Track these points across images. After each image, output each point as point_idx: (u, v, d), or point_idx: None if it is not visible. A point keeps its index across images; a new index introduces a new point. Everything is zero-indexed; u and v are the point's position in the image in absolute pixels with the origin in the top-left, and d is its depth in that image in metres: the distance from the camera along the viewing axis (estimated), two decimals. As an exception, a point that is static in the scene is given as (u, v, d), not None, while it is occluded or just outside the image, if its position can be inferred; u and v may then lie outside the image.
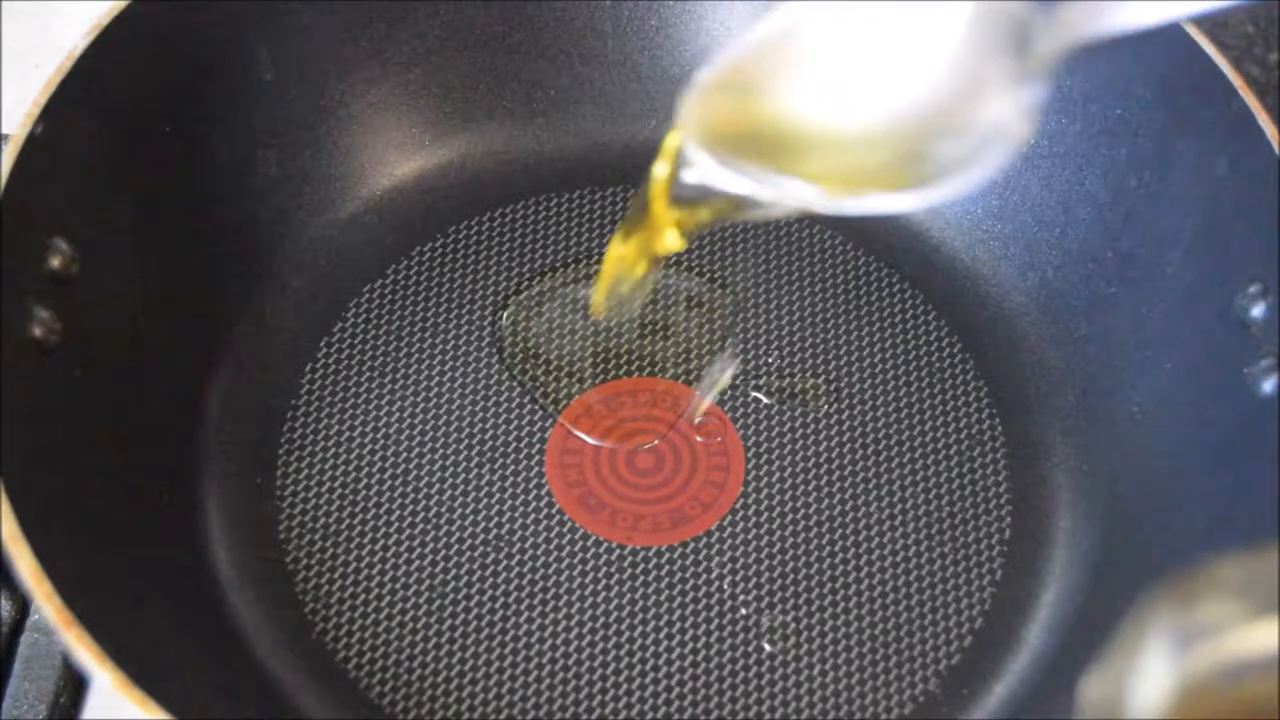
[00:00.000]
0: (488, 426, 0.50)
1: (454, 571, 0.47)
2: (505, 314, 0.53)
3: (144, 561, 0.44)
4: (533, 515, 0.49)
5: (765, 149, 0.32)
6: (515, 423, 0.50)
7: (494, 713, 0.45)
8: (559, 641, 0.46)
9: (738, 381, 0.52)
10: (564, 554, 0.48)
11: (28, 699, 0.45)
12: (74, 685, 0.46)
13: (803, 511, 0.49)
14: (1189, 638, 0.24)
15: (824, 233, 0.55)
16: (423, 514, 0.48)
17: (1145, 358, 0.49)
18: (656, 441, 0.50)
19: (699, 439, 0.50)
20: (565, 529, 0.48)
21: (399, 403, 0.51)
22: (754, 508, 0.49)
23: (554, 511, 0.49)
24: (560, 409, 0.51)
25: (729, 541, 0.48)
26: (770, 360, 0.52)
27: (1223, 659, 0.24)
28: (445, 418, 0.50)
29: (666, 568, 0.48)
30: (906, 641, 0.46)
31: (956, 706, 0.45)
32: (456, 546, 0.48)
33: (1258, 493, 0.41)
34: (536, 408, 0.51)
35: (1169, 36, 0.47)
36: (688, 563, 0.48)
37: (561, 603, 0.47)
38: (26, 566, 0.36)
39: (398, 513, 0.49)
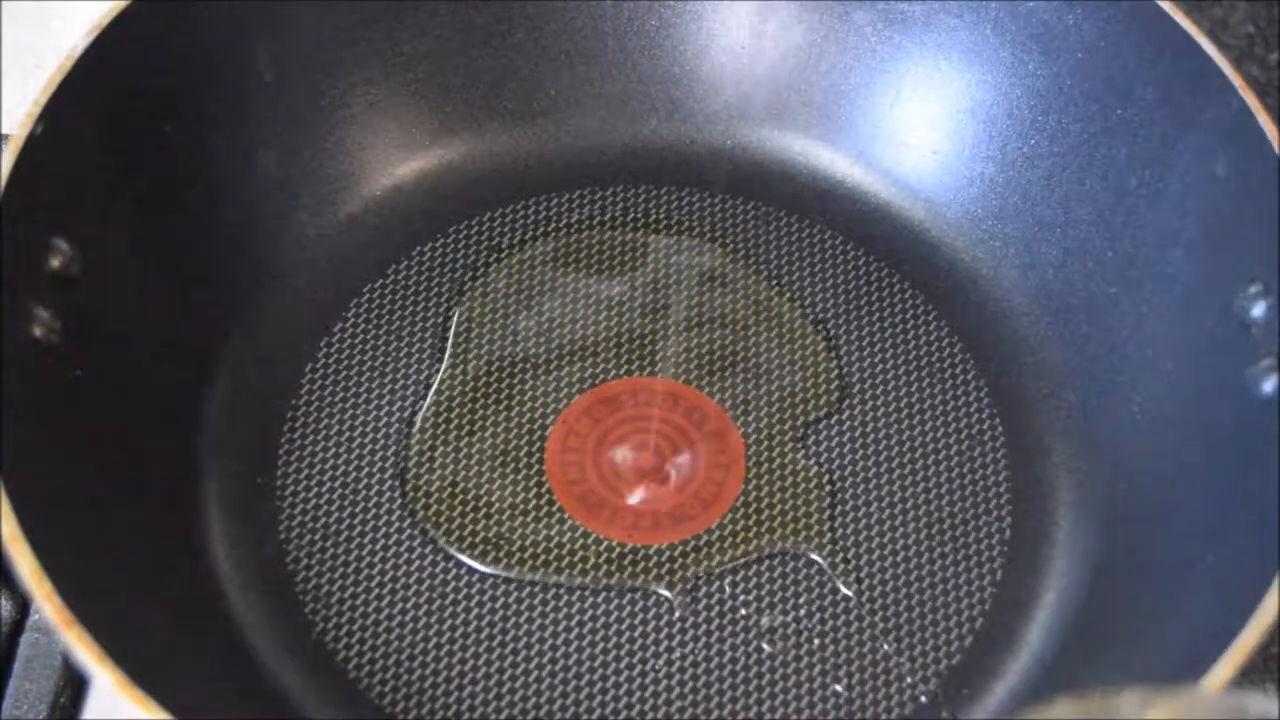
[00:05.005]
0: (488, 425, 0.50)
1: (454, 571, 0.47)
2: (460, 311, 0.53)
3: (144, 561, 0.44)
4: (533, 515, 0.49)
5: None
6: (515, 422, 0.50)
7: (494, 713, 0.45)
8: (559, 641, 0.46)
9: (739, 381, 0.52)
10: (564, 553, 0.48)
11: (28, 699, 0.45)
12: (74, 685, 0.46)
13: (803, 510, 0.49)
14: None
15: (824, 233, 0.55)
16: (422, 514, 0.48)
17: (1145, 358, 0.49)
18: (657, 441, 0.50)
19: (699, 438, 0.50)
20: (565, 528, 0.48)
21: (399, 403, 0.51)
22: (754, 507, 0.49)
23: (554, 511, 0.49)
24: (560, 408, 0.51)
25: (729, 540, 0.48)
26: (770, 360, 0.52)
27: None
28: (445, 417, 0.50)
29: (667, 566, 0.48)
30: (906, 641, 0.46)
31: (956, 706, 0.45)
32: (456, 546, 0.48)
33: (1258, 493, 0.41)
34: (536, 407, 0.51)
35: (1169, 37, 0.47)
36: (688, 561, 0.48)
37: (561, 602, 0.47)
38: (26, 566, 0.36)
39: (398, 513, 0.49)
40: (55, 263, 0.43)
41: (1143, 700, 0.27)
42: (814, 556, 0.48)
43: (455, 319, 0.53)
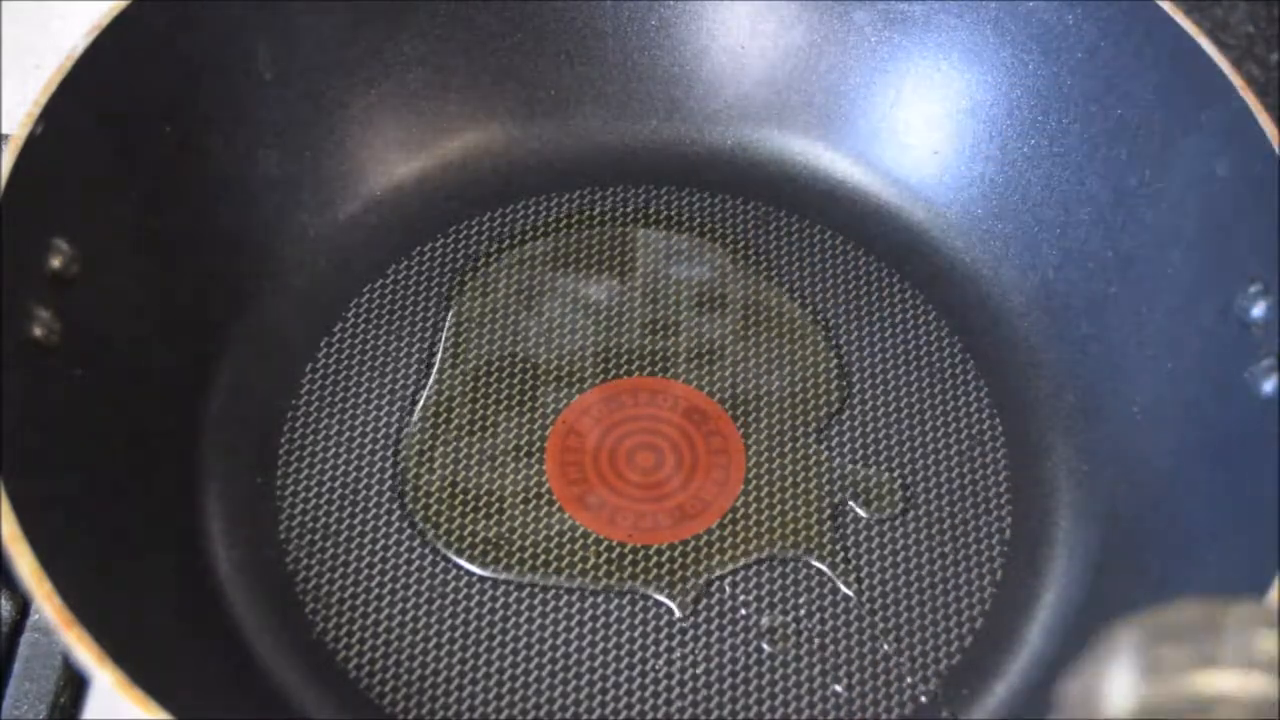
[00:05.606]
0: (488, 425, 0.50)
1: (454, 571, 0.47)
2: (460, 311, 0.53)
3: (144, 561, 0.44)
4: (533, 515, 0.49)
5: None
6: (515, 422, 0.50)
7: (494, 713, 0.45)
8: (559, 641, 0.46)
9: (739, 381, 0.52)
10: (564, 554, 0.48)
11: (28, 699, 0.45)
12: (74, 685, 0.46)
13: (803, 510, 0.49)
14: (1147, 669, 0.26)
15: (824, 233, 0.55)
16: (422, 514, 0.48)
17: (1145, 358, 0.49)
18: (657, 441, 0.50)
19: (700, 438, 0.50)
20: (565, 528, 0.48)
21: (399, 403, 0.51)
22: (754, 507, 0.49)
23: (554, 511, 0.49)
24: (560, 408, 0.51)
25: (729, 540, 0.48)
26: (771, 360, 0.52)
27: (1171, 695, 0.26)
28: (445, 417, 0.50)
29: (667, 566, 0.48)
30: (906, 641, 0.46)
31: (956, 706, 0.45)
32: (456, 546, 0.48)
33: (1258, 493, 0.41)
34: (536, 407, 0.51)
35: (1169, 37, 0.47)
36: (688, 561, 0.48)
37: (562, 603, 0.47)
38: (26, 566, 0.36)
39: (397, 513, 0.49)
40: (55, 263, 0.43)
41: (1257, 614, 0.26)
42: (813, 558, 0.48)
43: (455, 319, 0.53)
